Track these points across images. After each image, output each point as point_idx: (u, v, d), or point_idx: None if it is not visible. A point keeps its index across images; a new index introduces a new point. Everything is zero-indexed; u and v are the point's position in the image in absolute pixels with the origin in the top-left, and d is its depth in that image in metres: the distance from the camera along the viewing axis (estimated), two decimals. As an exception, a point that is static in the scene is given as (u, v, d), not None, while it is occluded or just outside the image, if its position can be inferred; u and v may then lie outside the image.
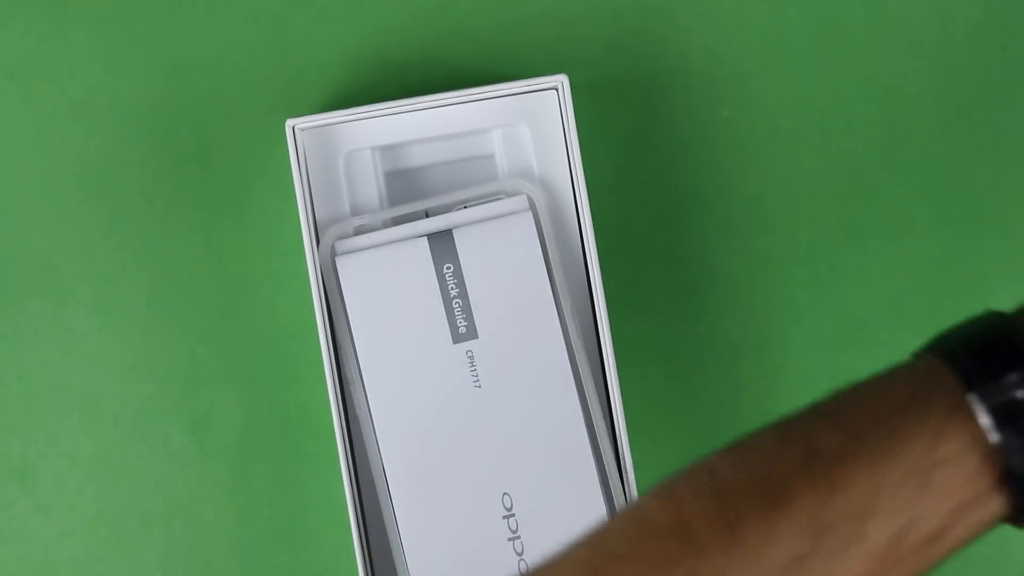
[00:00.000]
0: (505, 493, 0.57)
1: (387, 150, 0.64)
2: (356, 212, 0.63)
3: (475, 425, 0.58)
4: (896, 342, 0.66)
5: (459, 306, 0.60)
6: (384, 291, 0.60)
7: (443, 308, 0.60)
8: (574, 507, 0.57)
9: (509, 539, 0.56)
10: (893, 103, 0.67)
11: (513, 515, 0.56)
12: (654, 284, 0.66)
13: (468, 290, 0.60)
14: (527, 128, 0.63)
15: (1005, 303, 0.67)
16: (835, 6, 0.67)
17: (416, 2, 0.66)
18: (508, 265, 0.60)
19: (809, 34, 0.67)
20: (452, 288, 0.60)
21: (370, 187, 0.63)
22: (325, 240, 0.61)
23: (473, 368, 0.59)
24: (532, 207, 0.62)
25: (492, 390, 0.59)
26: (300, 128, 0.61)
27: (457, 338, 0.59)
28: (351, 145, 0.63)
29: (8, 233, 0.66)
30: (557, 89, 0.62)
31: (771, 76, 0.67)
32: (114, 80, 0.66)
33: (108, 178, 0.66)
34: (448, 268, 0.61)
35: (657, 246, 0.66)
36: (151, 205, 0.66)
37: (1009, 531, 0.44)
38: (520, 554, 0.55)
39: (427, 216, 0.63)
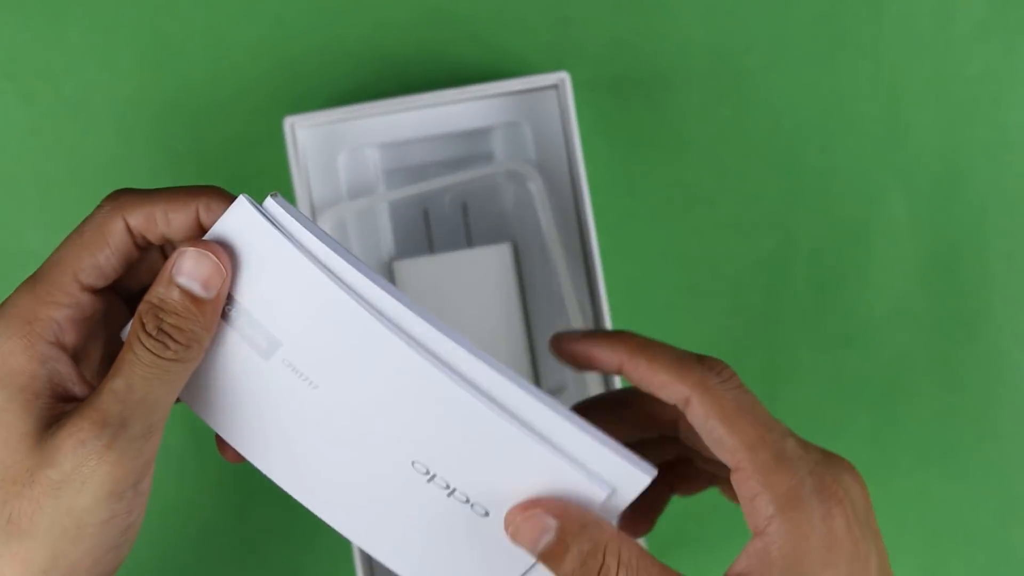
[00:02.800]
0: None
1: (387, 147, 0.63)
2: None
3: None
4: (896, 342, 0.66)
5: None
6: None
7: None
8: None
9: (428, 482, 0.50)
10: (894, 102, 0.67)
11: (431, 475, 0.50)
12: (655, 282, 0.66)
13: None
14: (528, 126, 0.63)
15: (1005, 303, 0.67)
16: (837, 4, 0.67)
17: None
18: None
19: (811, 32, 0.67)
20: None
21: (370, 184, 0.63)
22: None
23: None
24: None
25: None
26: (299, 125, 0.61)
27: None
28: (350, 142, 0.62)
29: (5, 232, 0.66)
30: (558, 86, 0.62)
31: (772, 74, 0.67)
32: (111, 78, 0.66)
33: (105, 176, 0.66)
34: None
35: (658, 244, 0.66)
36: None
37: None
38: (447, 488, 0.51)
39: (427, 216, 0.63)
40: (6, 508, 0.46)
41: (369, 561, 0.61)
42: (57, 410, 0.47)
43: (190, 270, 0.47)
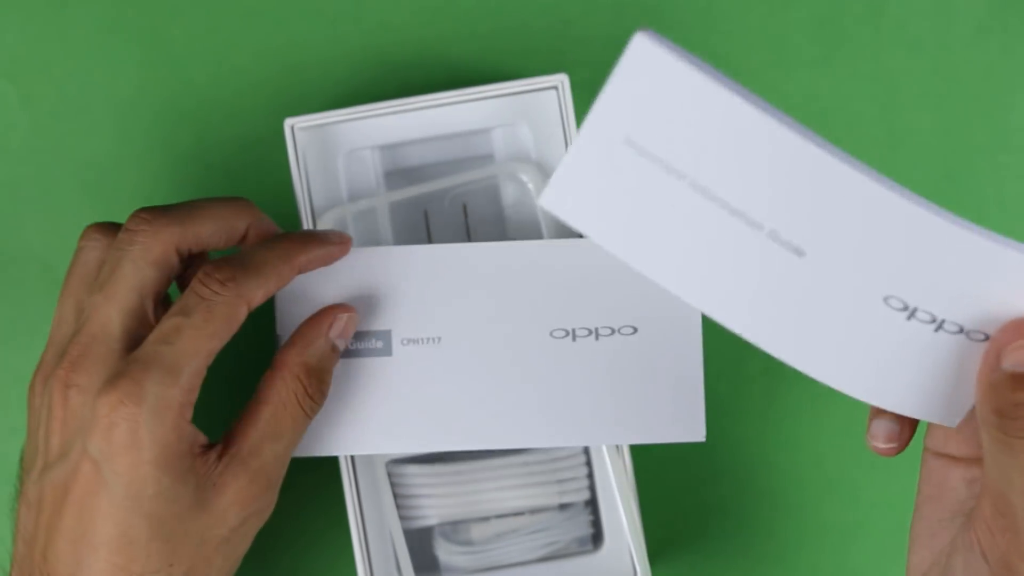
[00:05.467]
0: None
1: (387, 149, 0.63)
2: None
3: None
4: (896, 342, 0.66)
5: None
6: None
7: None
8: None
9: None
10: (893, 103, 0.67)
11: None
12: (654, 284, 0.66)
13: None
14: (527, 127, 0.63)
15: (1005, 303, 0.67)
16: (836, 4, 0.67)
17: (416, 1, 0.66)
18: None
19: (809, 33, 0.67)
20: None
21: (370, 187, 0.63)
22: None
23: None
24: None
25: None
26: (299, 127, 0.61)
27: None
28: (350, 144, 0.62)
29: (6, 233, 0.66)
30: (557, 88, 0.62)
31: (771, 75, 0.67)
32: (112, 79, 0.66)
33: (106, 178, 0.66)
34: None
35: (657, 246, 0.66)
36: (149, 205, 0.66)
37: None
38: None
39: (427, 217, 0.63)
40: (181, 568, 0.51)
41: (370, 561, 0.61)
42: (201, 467, 0.51)
43: (344, 331, 0.54)
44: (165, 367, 0.50)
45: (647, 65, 0.44)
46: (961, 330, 0.46)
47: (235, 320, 0.52)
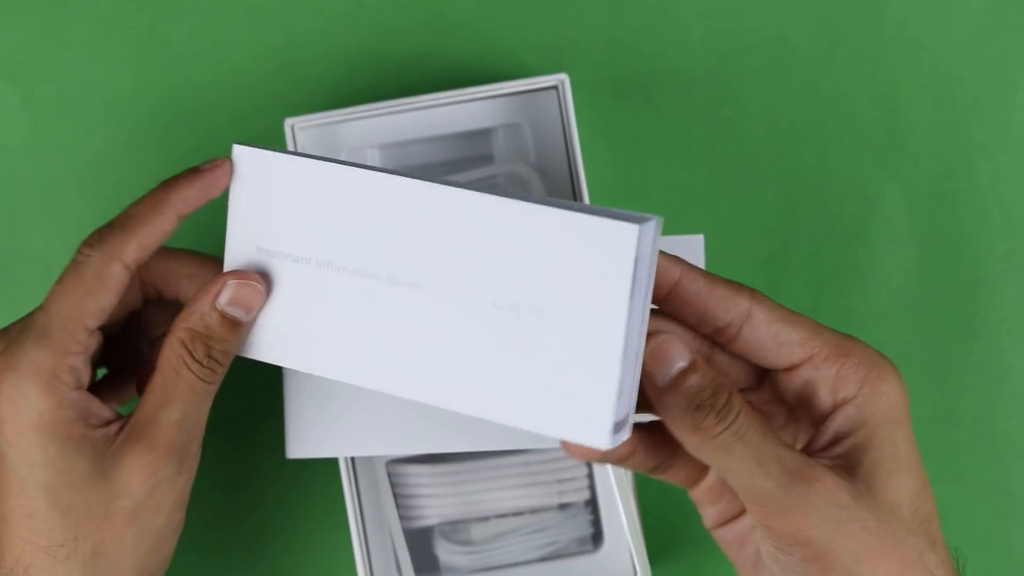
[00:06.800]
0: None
1: (387, 149, 0.63)
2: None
3: None
4: (896, 342, 0.66)
5: None
6: None
7: None
8: None
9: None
10: (893, 103, 0.67)
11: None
12: (654, 284, 0.66)
13: None
14: (527, 127, 0.63)
15: (1005, 304, 0.67)
16: (836, 4, 0.67)
17: (416, 1, 0.66)
18: None
19: (809, 33, 0.67)
20: None
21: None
22: None
23: None
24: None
25: None
26: (299, 127, 0.61)
27: None
28: (351, 144, 0.63)
29: (6, 233, 0.66)
30: (557, 88, 0.62)
31: (771, 75, 0.67)
32: (112, 79, 0.66)
33: (106, 178, 0.66)
34: None
35: (657, 246, 0.66)
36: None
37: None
38: None
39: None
40: (88, 542, 0.50)
41: (370, 561, 0.61)
42: (99, 439, 0.50)
43: (235, 298, 0.51)
44: (38, 331, 0.50)
45: (243, 167, 0.50)
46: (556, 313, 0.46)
47: (108, 278, 0.50)
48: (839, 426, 0.49)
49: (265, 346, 0.51)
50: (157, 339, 0.55)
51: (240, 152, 0.50)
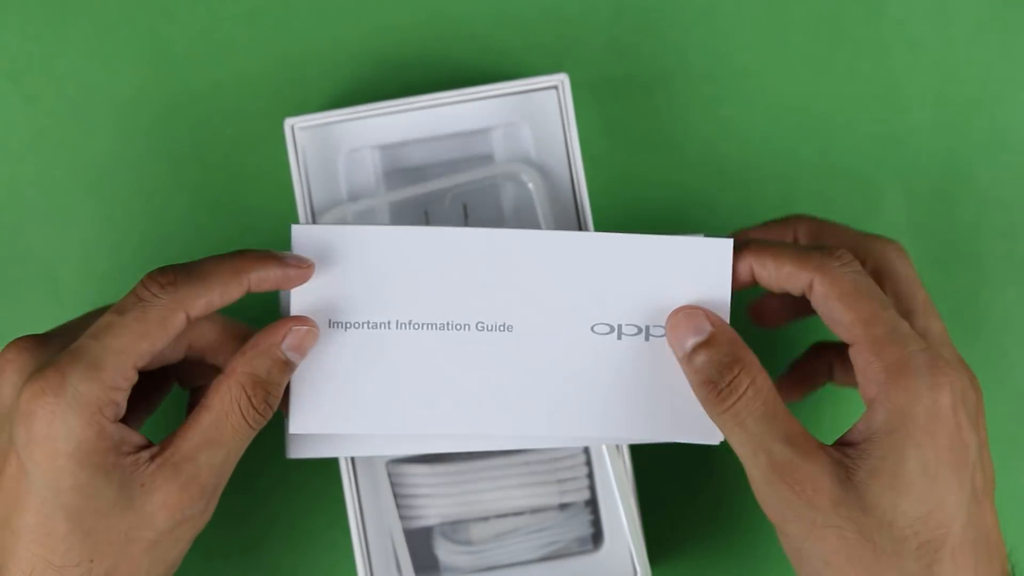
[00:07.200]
0: None
1: (387, 149, 0.63)
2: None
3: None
4: (897, 342, 0.66)
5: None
6: None
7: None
8: None
9: None
10: (893, 103, 0.67)
11: None
12: (654, 284, 0.66)
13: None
14: (527, 127, 0.63)
15: (1006, 304, 0.67)
16: (837, 4, 0.67)
17: (416, 1, 0.66)
18: None
19: (810, 32, 0.67)
20: None
21: (369, 187, 0.63)
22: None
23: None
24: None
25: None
26: (299, 127, 0.61)
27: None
28: (351, 144, 0.62)
29: (7, 233, 0.66)
30: (557, 88, 0.62)
31: (771, 75, 0.67)
32: (113, 79, 0.66)
33: (107, 178, 0.66)
34: None
35: (657, 245, 0.66)
36: (150, 205, 0.66)
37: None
38: None
39: (427, 217, 0.63)
40: (103, 565, 0.50)
41: (370, 561, 0.61)
42: (128, 465, 0.51)
43: (299, 345, 0.53)
44: (89, 361, 0.50)
45: (301, 244, 0.54)
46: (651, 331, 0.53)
47: (170, 325, 0.51)
48: (861, 422, 0.49)
49: (340, 418, 0.55)
50: (196, 387, 0.58)
51: (299, 232, 0.53)
